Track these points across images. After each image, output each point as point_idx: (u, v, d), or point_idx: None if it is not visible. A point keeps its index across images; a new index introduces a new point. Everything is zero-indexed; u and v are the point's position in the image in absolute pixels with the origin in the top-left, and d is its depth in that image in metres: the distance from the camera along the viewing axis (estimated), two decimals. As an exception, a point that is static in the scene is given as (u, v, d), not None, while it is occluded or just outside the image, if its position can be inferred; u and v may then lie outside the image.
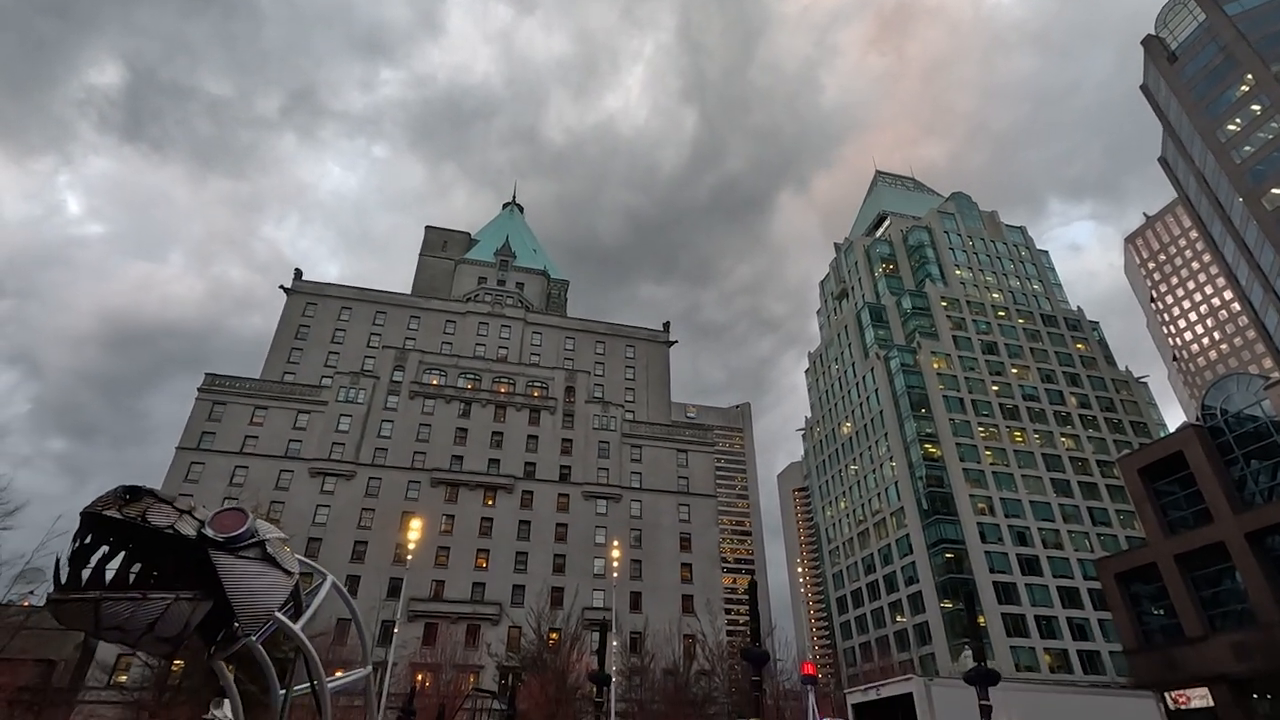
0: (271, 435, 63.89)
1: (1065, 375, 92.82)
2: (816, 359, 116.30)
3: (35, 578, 39.62)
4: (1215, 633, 37.77)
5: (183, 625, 3.02)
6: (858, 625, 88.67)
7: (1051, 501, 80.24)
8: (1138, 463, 46.03)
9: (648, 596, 61.38)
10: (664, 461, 71.96)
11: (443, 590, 59.21)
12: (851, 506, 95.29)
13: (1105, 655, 68.82)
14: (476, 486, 65.51)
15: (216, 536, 3.16)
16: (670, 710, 39.95)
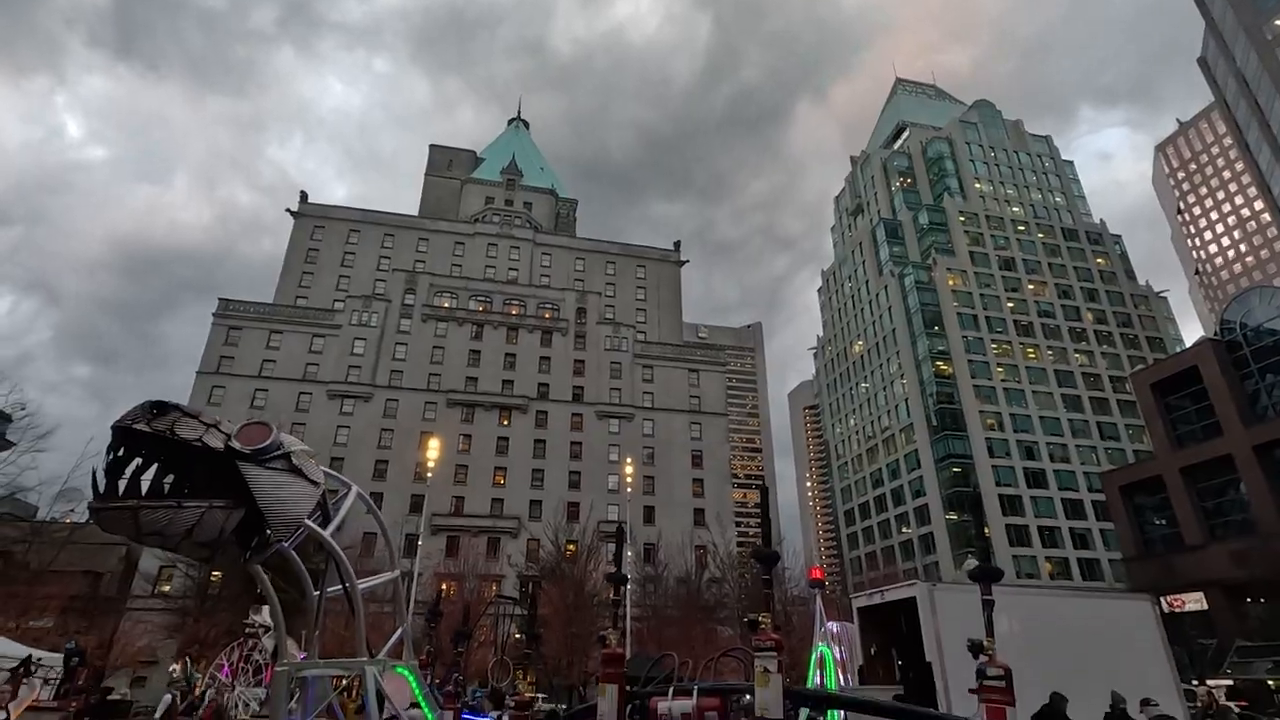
0: (288, 359, 64.85)
1: (1083, 290, 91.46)
2: (829, 277, 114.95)
3: (74, 497, 41.38)
4: (1214, 541, 38.76)
5: (218, 532, 3.15)
6: (864, 536, 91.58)
7: (1061, 417, 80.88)
8: (1151, 377, 46.03)
9: (660, 511, 63.39)
10: (676, 381, 72.66)
11: (463, 506, 61.47)
12: (861, 423, 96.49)
13: (1105, 563, 71.01)
14: (492, 407, 66.78)
15: (243, 449, 3.24)
16: (683, 615, 41.99)
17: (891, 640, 15.55)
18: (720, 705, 3.17)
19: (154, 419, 3.12)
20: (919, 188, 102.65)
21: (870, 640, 15.91)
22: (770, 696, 2.81)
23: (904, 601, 14.97)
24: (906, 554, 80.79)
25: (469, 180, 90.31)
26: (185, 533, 3.07)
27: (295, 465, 3.45)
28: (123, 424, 3.09)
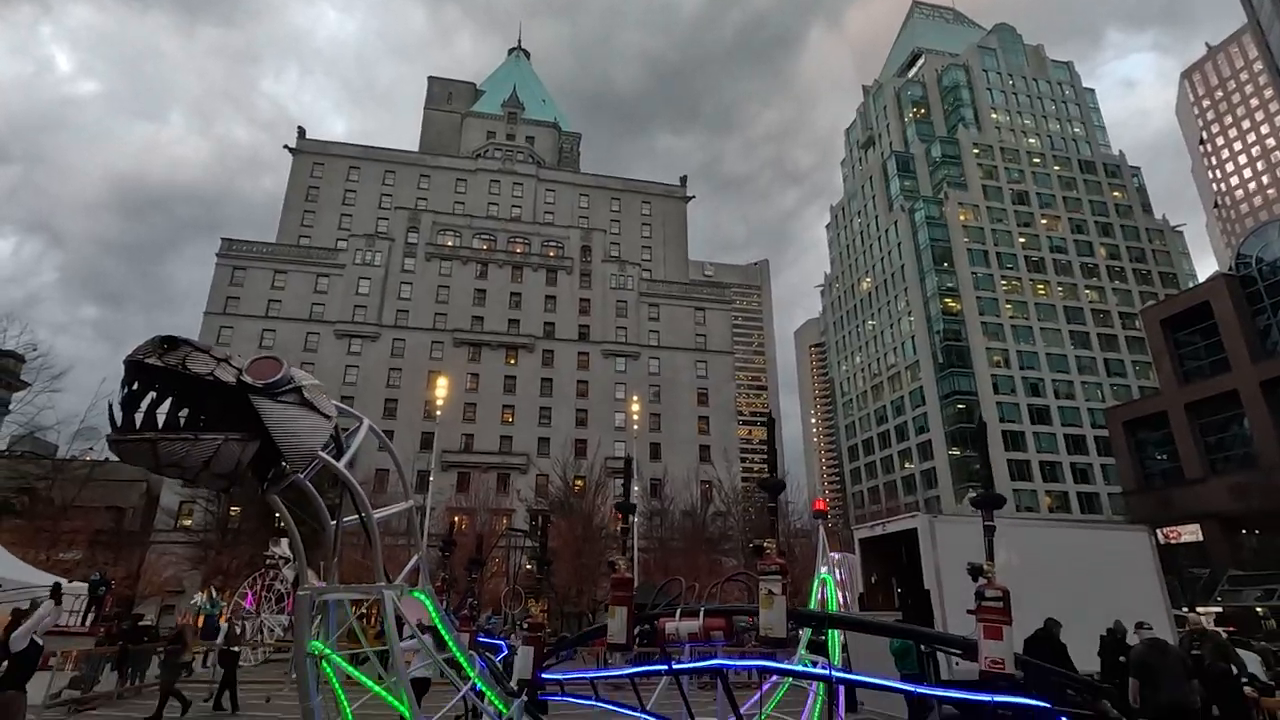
0: (294, 298, 64.89)
1: (1097, 225, 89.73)
2: (839, 212, 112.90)
3: (91, 435, 42.27)
4: (1214, 475, 39.25)
5: (234, 464, 3.21)
6: (867, 471, 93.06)
7: (1069, 354, 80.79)
8: (1161, 313, 45.65)
9: (666, 447, 64.38)
10: (681, 320, 72.54)
11: (472, 443, 62.56)
12: (867, 361, 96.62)
13: (1104, 497, 72.21)
14: (498, 346, 67.08)
15: (255, 382, 3.27)
16: (688, 547, 43.22)
17: (891, 570, 16.02)
18: (725, 625, 3.30)
19: (165, 354, 3.14)
20: (933, 119, 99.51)
21: (871, 570, 16.40)
22: (774, 617, 2.91)
23: (905, 533, 15.35)
24: (908, 488, 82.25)
25: (469, 114, 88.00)
26: (203, 464, 3.13)
27: (307, 399, 3.48)
28: (135, 358, 3.11)
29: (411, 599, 4.03)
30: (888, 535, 16.21)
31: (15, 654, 8.31)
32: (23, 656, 8.38)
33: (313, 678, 3.57)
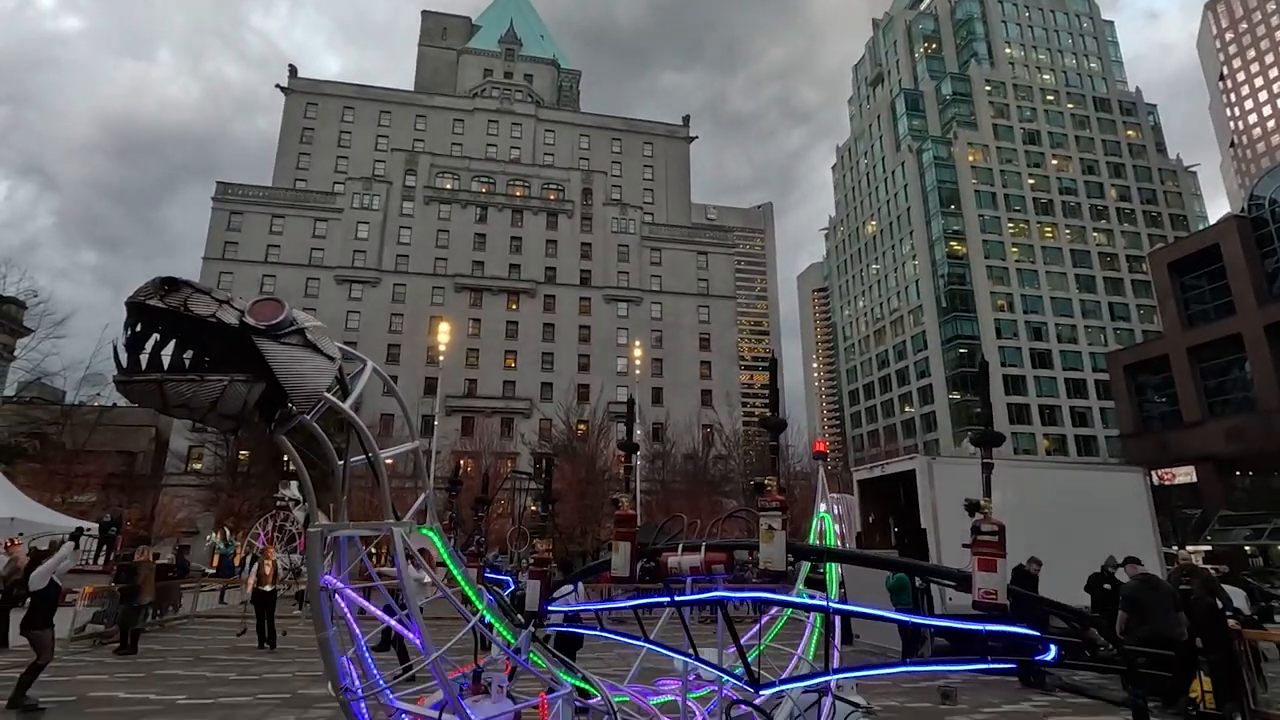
0: (293, 244, 64.33)
1: (1109, 165, 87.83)
2: (845, 153, 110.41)
3: (98, 381, 42.64)
4: (1212, 419, 39.56)
5: (241, 404, 3.23)
6: (867, 415, 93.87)
7: (1073, 297, 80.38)
8: (1169, 256, 45.17)
9: (668, 392, 64.83)
10: (684, 264, 71.94)
11: (475, 388, 63.04)
12: (870, 305, 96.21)
13: (1101, 440, 73.00)
14: (499, 291, 66.81)
15: (257, 324, 3.26)
16: (690, 489, 44.04)
17: (889, 511, 16.35)
18: (727, 559, 3.40)
19: (166, 295, 3.12)
20: (944, 54, 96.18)
21: (869, 510, 16.74)
22: (774, 551, 2.99)
23: (903, 474, 15.61)
24: (908, 432, 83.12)
25: (465, 51, 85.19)
26: (210, 405, 3.15)
27: (310, 341, 3.48)
28: (136, 300, 3.09)
29: (420, 536, 4.13)
30: (886, 477, 16.48)
31: (36, 593, 8.64)
32: (43, 595, 8.72)
33: (326, 610, 3.69)
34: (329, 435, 3.81)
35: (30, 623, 8.59)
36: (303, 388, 3.39)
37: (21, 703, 8.00)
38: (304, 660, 12.00)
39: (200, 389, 3.14)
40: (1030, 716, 8.61)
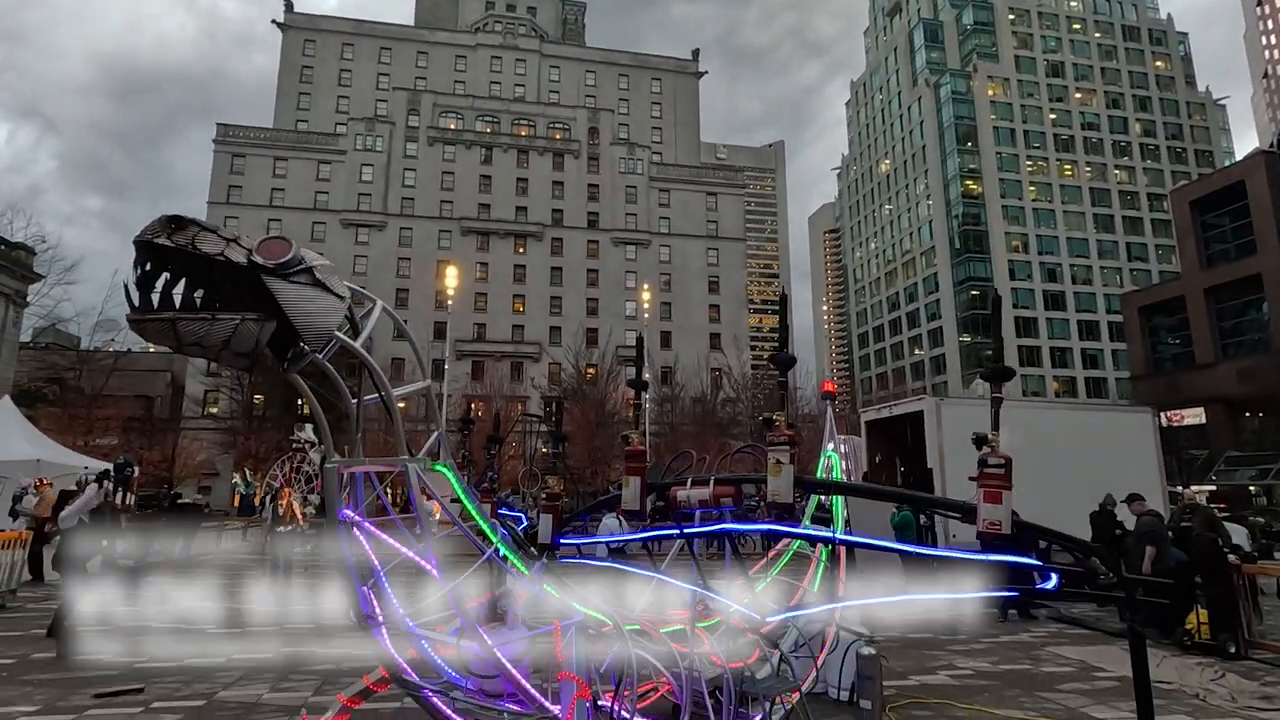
0: (297, 187, 63.66)
1: (1135, 99, 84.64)
2: (859, 88, 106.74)
3: (111, 327, 43.05)
4: (1225, 360, 39.27)
5: (253, 343, 3.25)
6: (876, 358, 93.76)
7: (1090, 238, 78.90)
8: (1192, 194, 44.00)
9: (677, 335, 64.79)
10: (693, 205, 70.79)
11: (484, 332, 63.26)
12: (882, 247, 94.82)
13: (1111, 382, 72.84)
14: (506, 235, 66.22)
15: (266, 262, 3.25)
16: (698, 431, 44.50)
17: (896, 452, 16.53)
18: (735, 493, 3.47)
19: (174, 233, 3.11)
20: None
21: (875, 451, 16.92)
22: (781, 484, 3.04)
23: (910, 415, 15.70)
24: (916, 374, 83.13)
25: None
26: (223, 343, 3.18)
27: (319, 279, 3.48)
28: (144, 238, 3.08)
29: (434, 472, 4.21)
30: (894, 418, 16.59)
31: (66, 531, 8.98)
32: (75, 533, 9.06)
33: (345, 542, 3.80)
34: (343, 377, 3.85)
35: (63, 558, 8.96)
36: (313, 327, 3.41)
37: (60, 631, 8.40)
38: (325, 593, 12.48)
39: (213, 328, 3.16)
40: (1029, 647, 8.88)
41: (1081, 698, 6.51)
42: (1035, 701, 6.35)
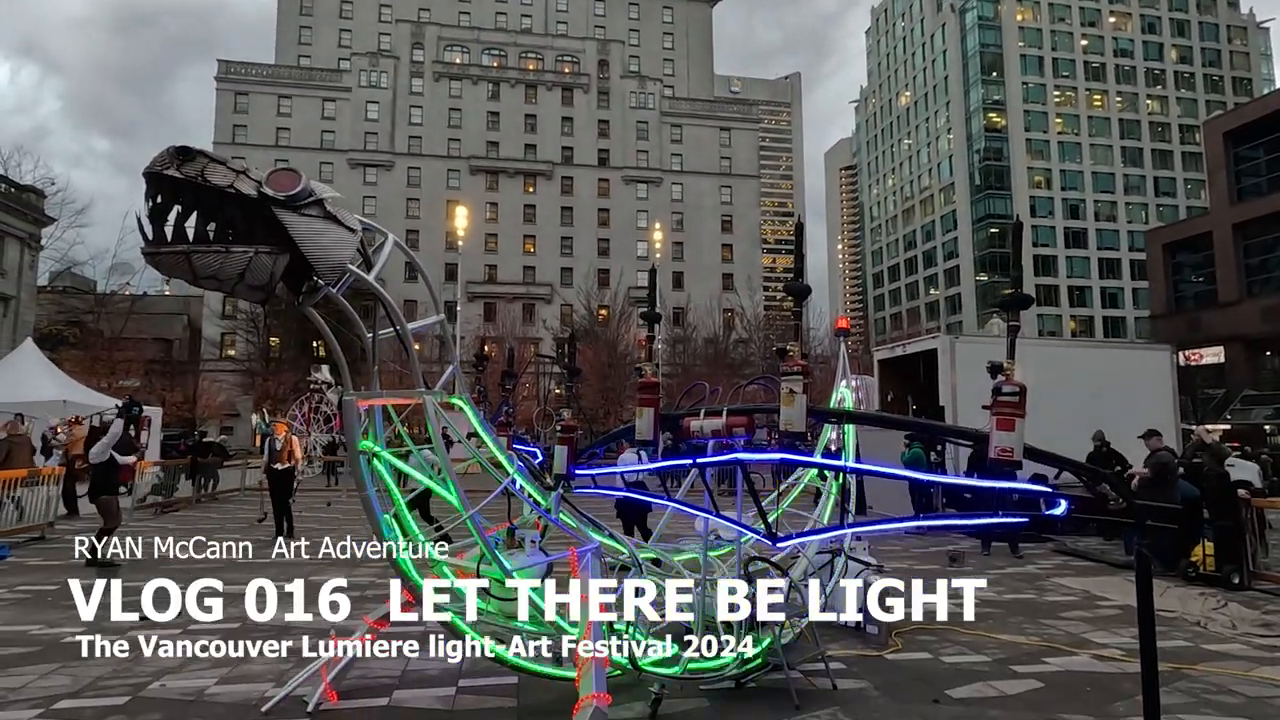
0: (302, 126, 62.66)
1: (1172, 23, 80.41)
2: (880, 15, 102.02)
3: (126, 270, 43.37)
4: (1249, 298, 38.49)
5: (268, 276, 3.27)
6: (890, 298, 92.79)
7: (1116, 172, 76.45)
8: (1226, 124, 42.31)
9: (689, 275, 64.29)
10: (706, 141, 69.04)
11: (496, 274, 63.08)
12: (899, 184, 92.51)
13: (1130, 321, 71.88)
14: (516, 174, 65.20)
15: (276, 195, 3.23)
16: (710, 372, 44.62)
17: (908, 390, 16.52)
18: (748, 423, 3.51)
19: (182, 164, 3.10)
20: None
21: (888, 389, 16.93)
22: (794, 413, 3.07)
23: (924, 354, 15.63)
24: (931, 314, 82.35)
25: (468, -97, 77.99)
26: (238, 276, 3.20)
27: (330, 212, 3.46)
28: (153, 170, 3.07)
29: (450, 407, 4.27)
30: (907, 356, 16.53)
31: (97, 465, 9.31)
32: (104, 467, 9.41)
33: (366, 473, 3.90)
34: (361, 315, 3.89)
35: (96, 491, 9.35)
36: (326, 260, 3.41)
37: (98, 560, 8.80)
38: (349, 526, 12.90)
39: (227, 260, 3.17)
40: (1034, 578, 9.07)
41: (1083, 624, 6.69)
42: (1038, 627, 6.53)
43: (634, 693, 4.52)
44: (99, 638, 5.74)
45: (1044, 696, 4.72)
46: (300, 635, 5.90)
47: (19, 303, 33.95)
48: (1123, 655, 5.67)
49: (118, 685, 4.71)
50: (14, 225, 33.58)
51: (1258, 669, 5.37)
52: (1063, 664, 5.45)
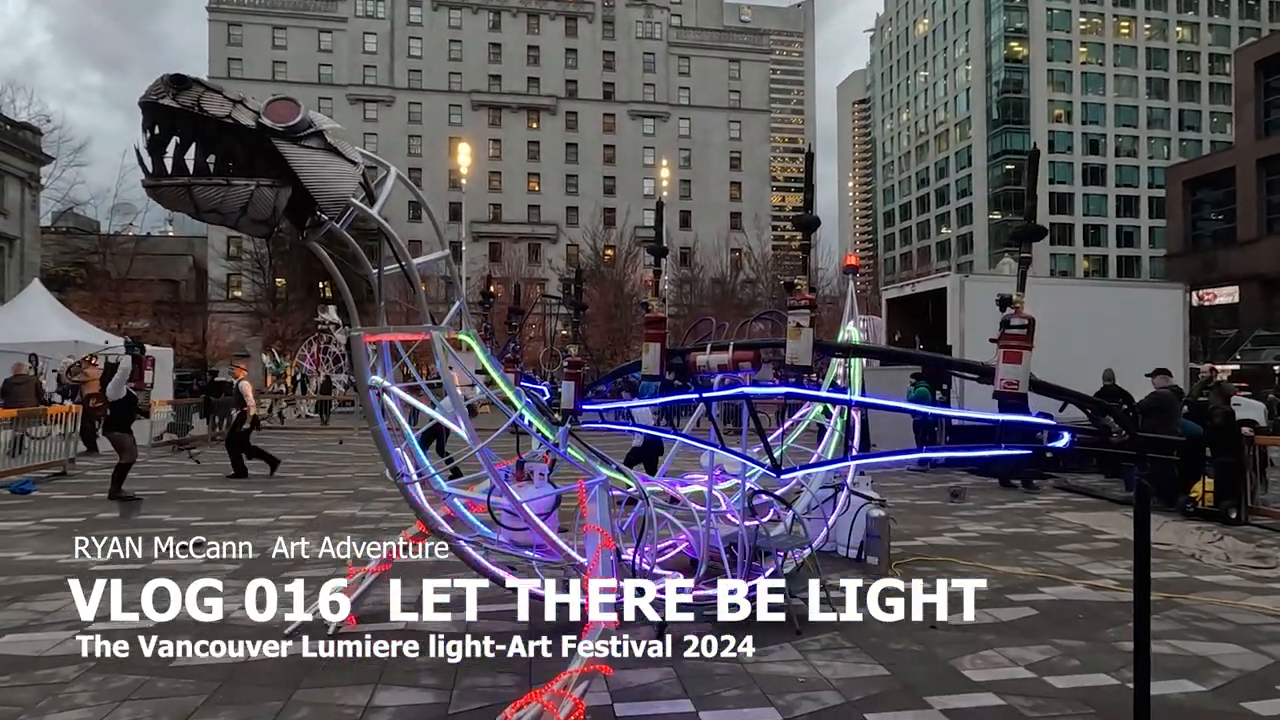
0: (299, 59, 60.88)
1: (1209, -59, 76.20)
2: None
3: (128, 210, 43.00)
4: (1269, 235, 37.74)
5: (270, 210, 3.24)
6: (901, 237, 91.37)
7: (1140, 104, 73.81)
8: (1258, 53, 40.59)
9: (697, 214, 63.29)
10: (714, 73, 66.77)
11: (500, 213, 62.26)
12: (914, 118, 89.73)
13: (1145, 260, 70.74)
14: (519, 109, 63.51)
15: (275, 125, 3.17)
16: (718, 313, 44.37)
17: (916, 330, 16.44)
18: (754, 357, 3.52)
19: (178, 93, 3.02)
20: None
21: (895, 330, 16.86)
22: (801, 347, 3.07)
23: (933, 293, 15.48)
24: (942, 254, 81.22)
25: None
26: (240, 210, 3.17)
27: (331, 144, 3.40)
28: (148, 99, 3.01)
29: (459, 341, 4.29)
30: (916, 295, 16.40)
31: (115, 401, 9.50)
32: (122, 404, 9.60)
33: (377, 407, 3.96)
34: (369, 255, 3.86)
35: (110, 427, 9.58)
36: (329, 193, 3.36)
37: (119, 494, 9.07)
38: (362, 464, 13.19)
39: (228, 194, 3.13)
40: (1034, 512, 9.24)
41: (1080, 556, 6.85)
42: (1035, 559, 6.69)
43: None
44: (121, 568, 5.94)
45: (1038, 623, 4.88)
46: (317, 565, 6.14)
47: (23, 244, 33.87)
48: (1116, 585, 5.83)
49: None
50: (12, 164, 33.17)
51: (1248, 598, 5.52)
52: (1057, 593, 5.61)
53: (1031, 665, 4.11)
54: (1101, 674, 4.00)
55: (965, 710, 3.51)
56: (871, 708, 3.53)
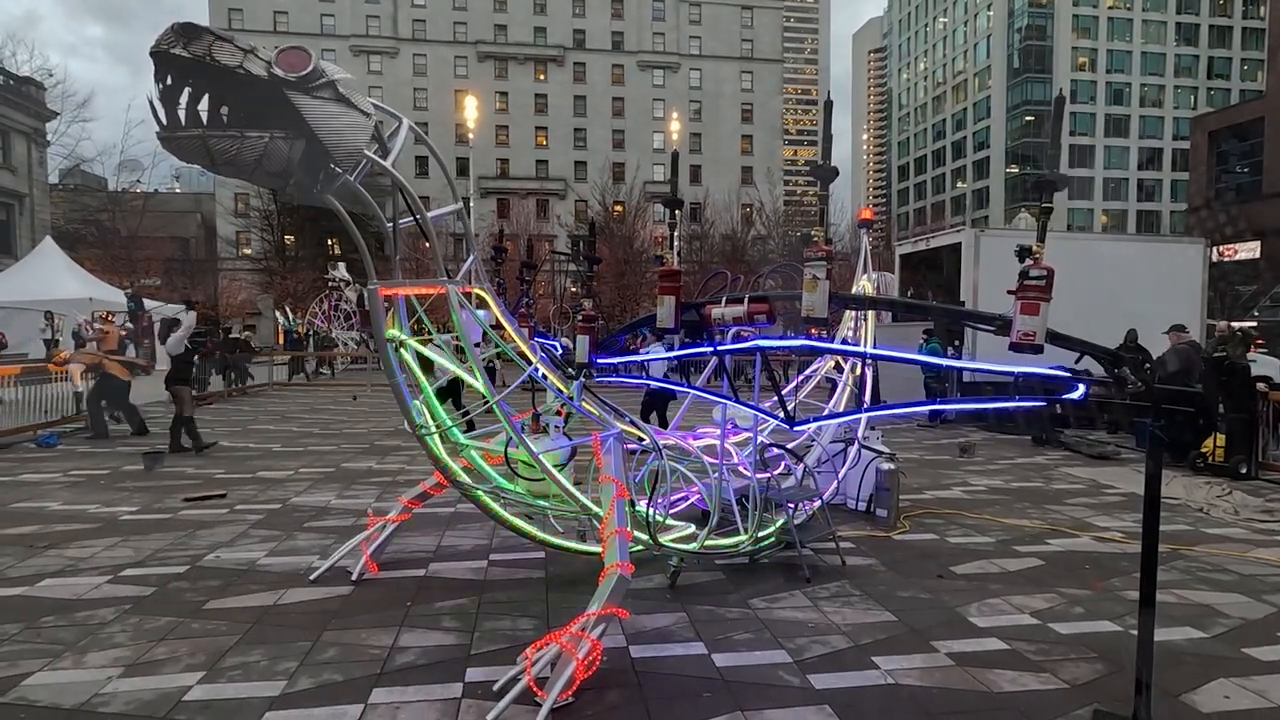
0: (301, 9, 59.56)
1: (1249, -124, 72.29)
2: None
3: (135, 167, 42.77)
4: (1296, 188, 36.77)
5: (285, 162, 3.23)
6: (915, 192, 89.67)
7: (1168, 52, 71.13)
8: (1295, -4, 38.88)
9: (707, 169, 62.22)
10: (726, 22, 64.78)
11: (508, 168, 61.42)
12: (932, 68, 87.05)
13: (1166, 215, 69.24)
14: (525, 60, 62.04)
15: (287, 75, 3.13)
16: (728, 269, 44.06)
17: (930, 287, 16.29)
18: (768, 309, 3.52)
19: (189, 43, 2.99)
20: None
21: (909, 285, 16.71)
22: (817, 299, 3.07)
23: (947, 248, 15.28)
24: (957, 209, 79.78)
25: None
26: (255, 161, 3.16)
27: (342, 95, 3.36)
28: (159, 49, 2.98)
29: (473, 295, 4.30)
30: (930, 250, 16.20)
31: (174, 357, 9.82)
32: (181, 359, 9.89)
33: (394, 360, 4.00)
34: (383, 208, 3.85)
35: (171, 380, 9.81)
36: (342, 145, 3.34)
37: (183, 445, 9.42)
38: (377, 419, 13.38)
39: (243, 145, 3.12)
40: (1043, 467, 9.29)
41: (1087, 510, 6.91)
42: (1042, 513, 6.76)
43: (654, 564, 4.82)
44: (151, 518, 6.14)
45: (1044, 573, 4.96)
46: (339, 515, 6.30)
47: (33, 200, 33.89)
48: (1123, 538, 5.89)
49: (177, 556, 5.08)
50: (17, 119, 32.96)
51: (1254, 550, 5.58)
52: (1064, 545, 5.68)
53: (1037, 613, 4.19)
54: (1105, 620, 4.09)
55: (970, 654, 3.61)
56: (879, 651, 3.63)
